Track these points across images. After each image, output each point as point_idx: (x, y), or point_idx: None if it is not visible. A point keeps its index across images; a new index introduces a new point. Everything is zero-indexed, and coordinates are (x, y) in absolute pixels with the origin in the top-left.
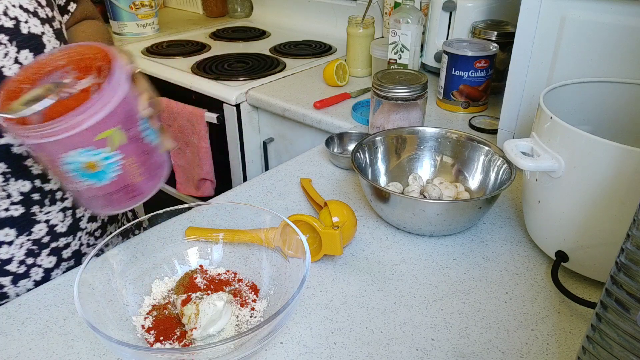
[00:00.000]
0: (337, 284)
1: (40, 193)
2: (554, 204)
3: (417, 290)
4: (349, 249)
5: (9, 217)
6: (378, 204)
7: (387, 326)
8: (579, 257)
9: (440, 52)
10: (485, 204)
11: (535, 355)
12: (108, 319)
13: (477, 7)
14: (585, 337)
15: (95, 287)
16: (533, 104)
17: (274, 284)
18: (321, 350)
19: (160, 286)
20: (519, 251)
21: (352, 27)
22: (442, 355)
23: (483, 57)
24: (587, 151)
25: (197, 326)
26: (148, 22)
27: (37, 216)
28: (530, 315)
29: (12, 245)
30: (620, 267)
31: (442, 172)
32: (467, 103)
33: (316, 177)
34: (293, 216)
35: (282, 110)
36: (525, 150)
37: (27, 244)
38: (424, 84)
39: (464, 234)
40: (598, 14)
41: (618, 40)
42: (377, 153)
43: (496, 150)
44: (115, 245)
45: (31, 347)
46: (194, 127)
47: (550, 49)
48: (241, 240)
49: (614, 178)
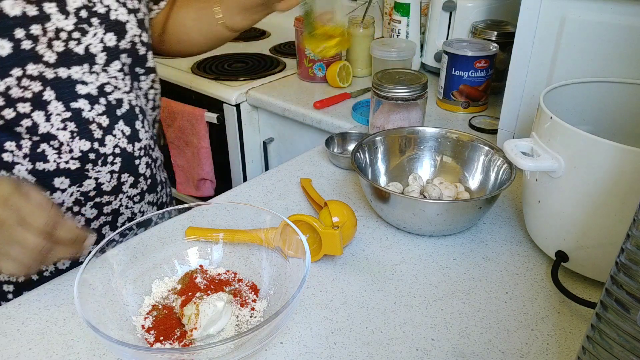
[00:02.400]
0: (337, 284)
1: (96, 154)
2: (554, 204)
3: (417, 290)
4: (349, 249)
5: (67, 168)
6: (378, 204)
7: (387, 326)
8: (579, 257)
9: (440, 52)
10: (485, 204)
11: (535, 355)
12: (108, 319)
13: (477, 7)
14: (585, 337)
15: (95, 287)
16: (533, 104)
17: (274, 284)
18: (321, 350)
19: (160, 286)
20: (519, 251)
21: (352, 27)
22: (442, 355)
23: (483, 57)
24: (587, 151)
25: (197, 326)
26: None
27: (89, 173)
28: (530, 315)
29: (64, 192)
30: (620, 267)
31: (442, 172)
32: (467, 103)
33: (316, 177)
34: (293, 216)
35: (282, 110)
36: (525, 150)
37: (76, 194)
38: (424, 84)
39: (464, 234)
40: (598, 14)
41: (618, 40)
42: (377, 153)
43: (496, 150)
44: (115, 245)
45: (31, 347)
46: (194, 127)
47: (550, 49)
48: (241, 240)
49: (614, 178)
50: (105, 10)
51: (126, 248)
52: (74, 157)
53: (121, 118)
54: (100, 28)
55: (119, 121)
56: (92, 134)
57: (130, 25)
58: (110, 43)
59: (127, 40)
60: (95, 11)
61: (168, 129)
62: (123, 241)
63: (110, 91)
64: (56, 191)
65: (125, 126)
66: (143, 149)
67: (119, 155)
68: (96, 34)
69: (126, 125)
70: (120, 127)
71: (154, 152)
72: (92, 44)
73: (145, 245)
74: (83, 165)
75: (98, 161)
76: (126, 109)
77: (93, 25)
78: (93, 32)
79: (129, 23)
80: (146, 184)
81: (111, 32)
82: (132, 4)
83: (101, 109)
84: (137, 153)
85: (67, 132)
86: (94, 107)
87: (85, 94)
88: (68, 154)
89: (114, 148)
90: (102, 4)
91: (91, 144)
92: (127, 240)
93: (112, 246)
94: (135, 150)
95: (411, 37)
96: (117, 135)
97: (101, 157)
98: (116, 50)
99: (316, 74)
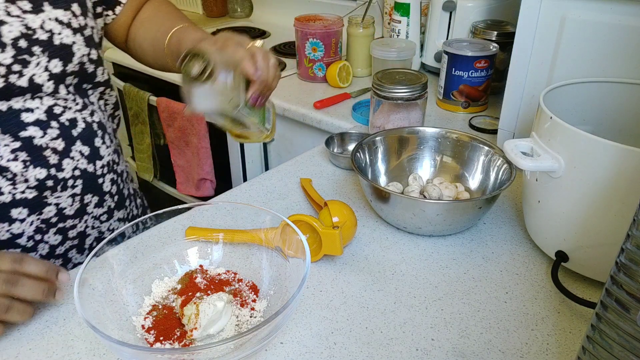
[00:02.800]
0: (337, 284)
1: (54, 180)
2: (554, 204)
3: (417, 290)
4: (349, 249)
5: (24, 198)
6: (378, 204)
7: (387, 326)
8: (579, 257)
9: (440, 52)
10: (485, 204)
11: (535, 355)
12: (108, 319)
13: (477, 7)
14: (585, 337)
15: (95, 287)
16: (533, 104)
17: (274, 284)
18: (321, 350)
19: (160, 286)
20: (519, 251)
21: (352, 27)
22: (442, 355)
23: (483, 57)
24: (587, 151)
25: (197, 326)
26: None
27: (48, 199)
28: (530, 315)
29: (23, 222)
30: (620, 267)
31: (442, 172)
32: (467, 103)
33: (316, 177)
34: (293, 216)
35: (282, 110)
36: (525, 150)
37: (37, 222)
38: (424, 84)
39: (464, 234)
40: (598, 14)
41: (618, 40)
42: (377, 153)
43: (496, 150)
44: (115, 245)
45: (31, 347)
46: (194, 127)
47: (550, 49)
48: (241, 240)
49: (614, 178)
50: (47, 36)
51: (126, 248)
52: (30, 186)
53: (78, 138)
54: (43, 56)
55: (75, 142)
56: (47, 160)
57: (78, 47)
58: (57, 70)
59: (75, 62)
60: (37, 39)
61: (168, 129)
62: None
63: (61, 112)
64: (14, 222)
65: (83, 146)
66: (106, 166)
67: (80, 177)
68: (39, 63)
69: (84, 144)
70: (77, 148)
71: (119, 166)
72: (36, 74)
73: (145, 245)
74: (41, 193)
75: (57, 187)
76: (82, 128)
77: (35, 55)
78: (36, 62)
79: (75, 44)
80: (113, 201)
81: (56, 58)
82: (78, 22)
83: (54, 132)
84: (100, 172)
85: (19, 163)
86: (46, 132)
87: (33, 121)
88: (23, 184)
89: (73, 171)
90: (44, 29)
91: (47, 170)
92: (127, 240)
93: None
94: (97, 169)
95: (411, 37)
96: (75, 157)
97: (60, 183)
98: (63, 75)
99: (316, 74)
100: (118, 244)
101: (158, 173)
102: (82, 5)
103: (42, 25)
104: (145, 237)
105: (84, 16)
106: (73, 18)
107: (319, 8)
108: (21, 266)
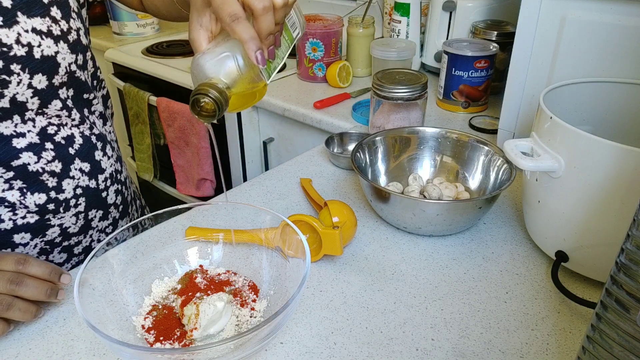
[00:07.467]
0: (337, 284)
1: (55, 203)
2: (554, 204)
3: (417, 290)
4: (349, 249)
5: (25, 223)
6: (378, 204)
7: (387, 326)
8: (579, 257)
9: (440, 52)
10: (485, 204)
11: (535, 355)
12: (108, 319)
13: (477, 7)
14: (585, 337)
15: (95, 287)
16: (533, 104)
17: (274, 284)
18: (321, 350)
19: (160, 286)
20: (519, 251)
21: (352, 27)
22: (442, 355)
23: (483, 57)
24: (587, 151)
25: (197, 326)
26: (148, 22)
27: (51, 221)
28: (530, 315)
29: (27, 246)
30: (620, 267)
31: (442, 172)
32: (467, 103)
33: (316, 177)
34: (293, 216)
35: (282, 110)
36: (525, 150)
37: (41, 244)
38: (424, 84)
39: (464, 234)
40: (598, 14)
41: (618, 40)
42: (377, 153)
43: (496, 150)
44: (115, 245)
45: (31, 347)
46: (194, 127)
47: (550, 49)
48: (241, 240)
49: (614, 178)
50: (25, 50)
51: (126, 248)
52: (30, 211)
53: (76, 156)
54: (24, 74)
55: (74, 160)
56: (46, 184)
57: (62, 55)
58: (42, 85)
59: (62, 74)
60: (13, 55)
61: (168, 129)
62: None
63: (55, 132)
64: (17, 247)
65: (82, 163)
66: (109, 178)
67: (82, 195)
68: (21, 81)
69: (84, 161)
70: (77, 166)
71: (122, 174)
72: (18, 93)
73: (145, 245)
74: (43, 216)
75: (59, 208)
76: (80, 144)
77: (14, 73)
78: (17, 81)
79: (59, 54)
80: (118, 212)
81: (39, 73)
82: (59, 28)
83: (49, 155)
84: (103, 185)
85: (15, 191)
86: (41, 156)
87: (26, 146)
88: (23, 210)
89: (75, 190)
90: (21, 44)
91: (47, 194)
92: (127, 240)
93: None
94: (100, 184)
95: (411, 37)
96: (75, 176)
97: (62, 204)
98: (51, 89)
99: (316, 73)
100: (118, 244)
101: (158, 173)
102: (63, 6)
103: (18, 39)
104: (145, 237)
105: (66, 19)
106: (53, 24)
107: (319, 8)
108: (24, 267)
